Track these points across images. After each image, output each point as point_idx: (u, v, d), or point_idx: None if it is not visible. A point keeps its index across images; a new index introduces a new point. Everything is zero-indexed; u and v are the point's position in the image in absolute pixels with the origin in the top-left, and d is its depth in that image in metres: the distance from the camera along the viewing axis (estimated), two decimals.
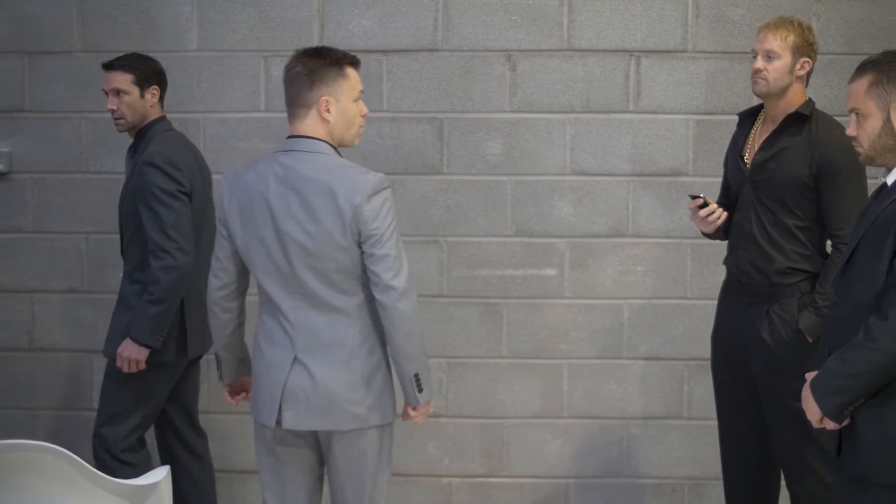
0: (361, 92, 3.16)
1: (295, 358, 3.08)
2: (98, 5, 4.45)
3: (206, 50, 4.44)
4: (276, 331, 3.11)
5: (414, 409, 3.18)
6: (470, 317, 4.47)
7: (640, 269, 4.44)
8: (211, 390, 4.43)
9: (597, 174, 4.43)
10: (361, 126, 3.19)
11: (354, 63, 3.17)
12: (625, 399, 4.48)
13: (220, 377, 3.33)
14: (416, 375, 3.11)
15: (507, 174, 4.44)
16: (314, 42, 4.41)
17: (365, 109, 3.18)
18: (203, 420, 4.46)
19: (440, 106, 4.43)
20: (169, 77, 4.39)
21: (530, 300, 4.46)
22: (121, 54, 3.93)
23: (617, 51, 4.40)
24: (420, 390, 3.13)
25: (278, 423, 3.10)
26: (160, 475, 3.30)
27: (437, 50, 4.42)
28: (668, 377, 4.46)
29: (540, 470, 4.50)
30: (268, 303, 3.13)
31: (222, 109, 4.44)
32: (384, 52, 4.42)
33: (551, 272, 4.46)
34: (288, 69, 3.15)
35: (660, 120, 4.41)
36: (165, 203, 3.73)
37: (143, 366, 3.74)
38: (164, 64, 4.38)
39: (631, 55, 4.40)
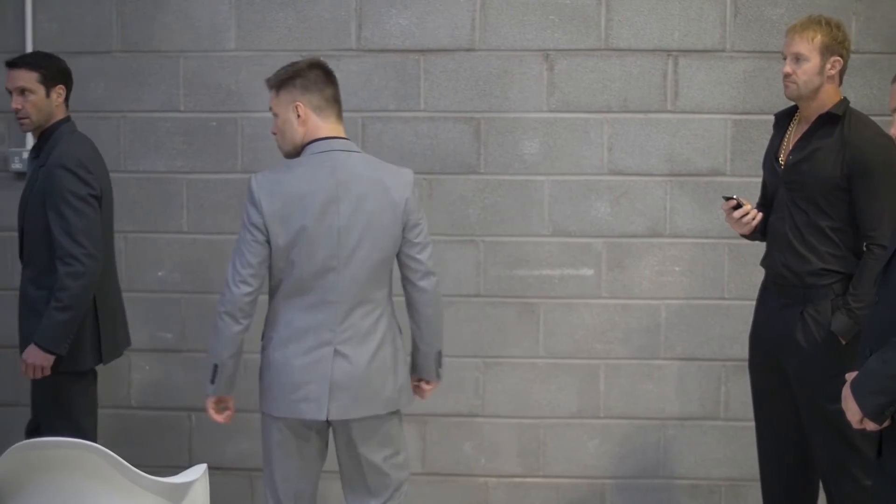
0: None
1: (335, 350, 3.19)
2: (137, 6, 4.48)
3: (243, 50, 4.46)
4: (312, 326, 3.21)
5: (428, 383, 3.49)
6: (507, 317, 4.46)
7: (677, 269, 4.43)
8: (246, 387, 4.43)
9: (634, 174, 4.42)
10: None
11: None
12: (662, 399, 4.46)
13: (213, 390, 3.29)
14: (440, 352, 3.45)
15: (544, 174, 4.43)
16: (352, 42, 4.43)
17: None
18: (239, 418, 4.47)
19: (477, 105, 4.43)
20: (206, 77, 4.44)
21: (567, 300, 4.45)
22: (23, 54, 3.88)
23: (655, 50, 4.39)
24: (440, 366, 3.46)
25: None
26: (197, 473, 3.32)
27: (474, 49, 4.42)
28: (705, 378, 4.44)
29: (576, 470, 4.49)
30: (299, 299, 3.21)
31: (260, 109, 4.43)
32: (421, 51, 4.42)
33: (588, 272, 4.45)
34: (329, 71, 3.29)
35: (697, 120, 4.39)
36: (75, 207, 3.63)
37: (48, 372, 3.66)
38: (201, 64, 4.45)
39: (669, 55, 4.39)
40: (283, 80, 3.29)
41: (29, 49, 4.44)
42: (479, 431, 4.49)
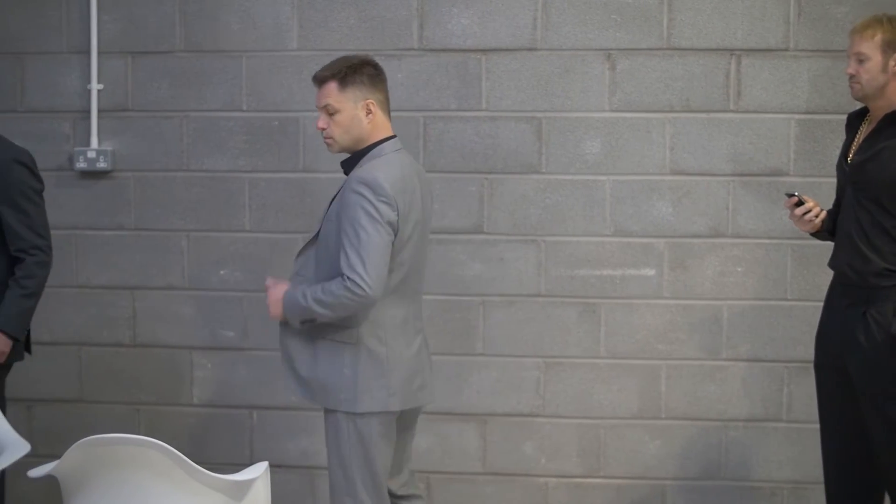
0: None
1: (424, 337, 3.48)
2: (200, 6, 4.50)
3: (305, 49, 4.47)
4: (408, 317, 3.38)
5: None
6: (568, 317, 4.45)
7: (739, 269, 4.40)
8: None
9: (696, 174, 4.39)
10: None
11: None
12: (723, 401, 4.43)
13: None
14: None
15: (605, 174, 4.42)
16: (413, 42, 4.43)
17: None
18: (299, 416, 4.51)
19: (539, 105, 4.42)
20: (269, 76, 4.47)
21: (628, 300, 4.43)
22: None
23: (717, 49, 4.36)
24: None
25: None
26: (258, 471, 3.32)
27: (536, 49, 4.41)
28: (768, 379, 4.41)
29: (637, 471, 4.47)
30: (401, 293, 3.34)
31: None
32: (483, 50, 4.42)
33: (650, 272, 4.43)
34: (381, 68, 3.40)
35: (760, 119, 4.36)
36: (35, 201, 3.76)
37: (3, 359, 3.75)
38: (264, 63, 4.47)
39: (731, 54, 4.36)
40: (348, 76, 3.29)
41: (94, 49, 4.49)
42: (540, 431, 4.48)
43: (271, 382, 4.49)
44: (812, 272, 4.31)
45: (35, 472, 3.74)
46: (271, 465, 3.44)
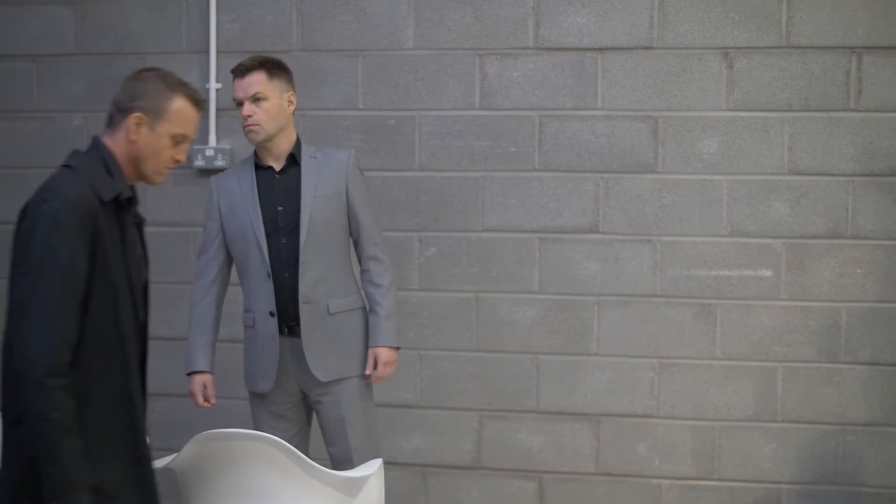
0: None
1: None
2: (317, 6, 4.55)
3: (421, 48, 4.50)
4: None
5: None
6: (683, 317, 4.42)
7: (859, 271, 4.33)
8: (422, 384, 4.48)
9: (815, 174, 4.33)
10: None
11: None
12: (842, 404, 4.36)
13: None
14: None
15: (722, 173, 4.37)
16: (529, 40, 4.43)
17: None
18: (413, 414, 4.52)
19: (655, 104, 4.39)
20: (385, 75, 4.49)
21: (745, 301, 4.39)
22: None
23: (837, 47, 4.30)
24: None
25: None
26: (372, 468, 3.34)
27: (652, 48, 4.38)
28: (888, 383, 4.33)
29: (752, 474, 4.42)
30: None
31: (438, 107, 4.49)
32: (599, 49, 4.40)
33: (767, 273, 4.38)
34: None
35: (883, 118, 4.28)
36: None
37: None
38: (380, 62, 4.50)
39: (852, 52, 4.29)
40: (275, 67, 3.57)
41: (213, 49, 4.55)
42: (654, 432, 4.45)
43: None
44: None
45: (154, 465, 3.81)
46: (385, 463, 3.46)
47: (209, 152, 4.54)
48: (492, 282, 4.50)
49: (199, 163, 4.55)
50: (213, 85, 4.57)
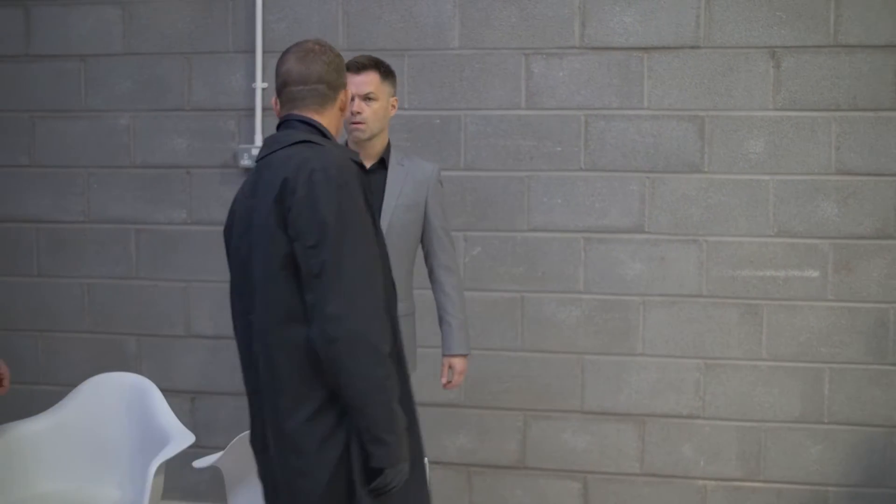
0: None
1: None
2: (363, 5, 4.56)
3: (467, 48, 4.50)
4: None
5: None
6: (729, 318, 4.40)
7: None
8: (467, 383, 4.47)
9: (863, 174, 4.30)
10: None
11: None
12: (890, 406, 4.33)
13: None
14: None
15: (769, 173, 4.35)
16: (575, 40, 4.42)
17: None
18: (458, 414, 4.52)
19: (701, 104, 4.38)
20: (431, 75, 4.50)
21: (791, 302, 4.36)
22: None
23: (887, 46, 4.27)
24: None
25: None
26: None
27: (699, 47, 4.37)
28: None
29: (798, 476, 4.39)
30: None
31: (483, 107, 4.49)
32: (645, 49, 4.39)
33: (814, 274, 4.35)
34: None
35: None
36: None
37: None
38: (425, 62, 4.50)
39: None
40: (387, 70, 3.61)
41: (259, 48, 4.57)
42: (699, 433, 4.44)
43: (427, 379, 4.51)
44: None
45: (199, 463, 3.84)
46: (430, 462, 3.46)
47: (255, 151, 4.55)
48: (537, 281, 4.50)
49: (245, 162, 4.57)
50: (259, 84, 4.59)
